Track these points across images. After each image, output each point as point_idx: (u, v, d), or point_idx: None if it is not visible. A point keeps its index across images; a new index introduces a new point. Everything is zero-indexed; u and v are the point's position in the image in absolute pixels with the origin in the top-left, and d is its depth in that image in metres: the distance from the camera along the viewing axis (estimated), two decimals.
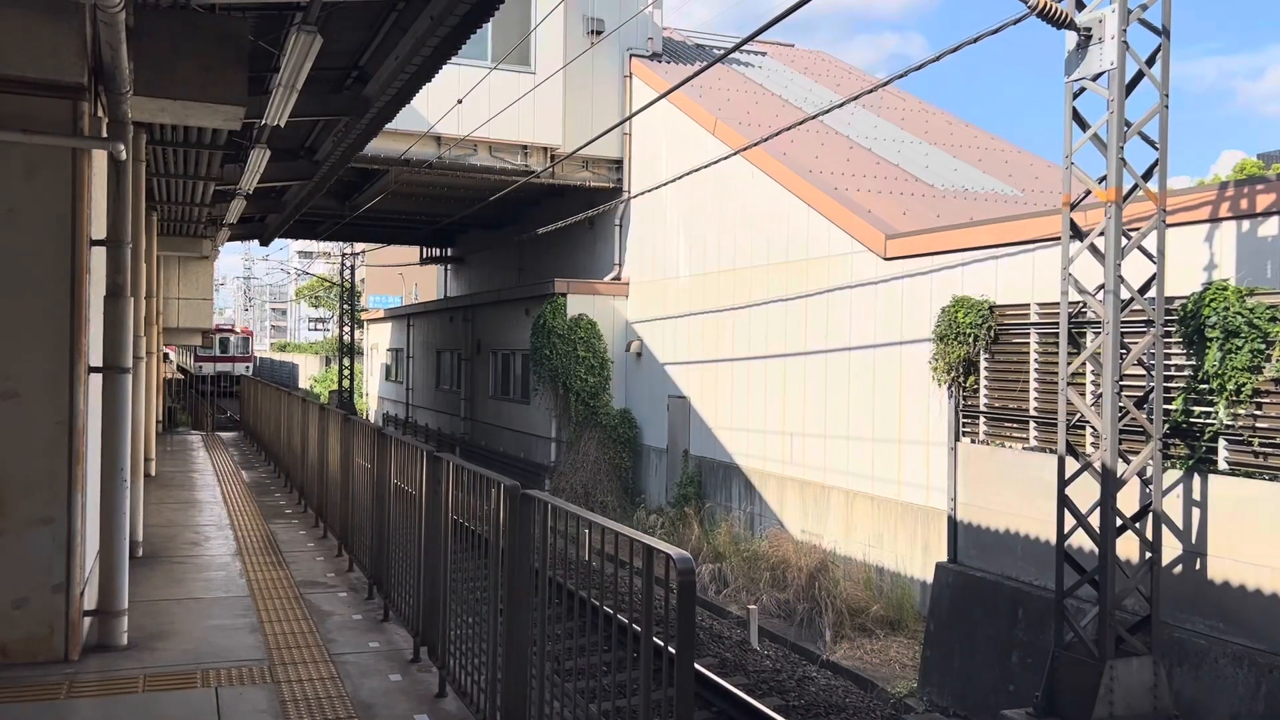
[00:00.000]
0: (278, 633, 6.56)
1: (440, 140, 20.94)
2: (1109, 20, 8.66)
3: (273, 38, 7.34)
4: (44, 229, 5.74)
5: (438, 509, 5.49)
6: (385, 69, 8.97)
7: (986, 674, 10.89)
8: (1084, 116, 9.19)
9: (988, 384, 11.80)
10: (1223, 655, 8.77)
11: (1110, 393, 8.70)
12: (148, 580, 7.84)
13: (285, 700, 5.32)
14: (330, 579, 8.18)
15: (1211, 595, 9.07)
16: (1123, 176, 8.72)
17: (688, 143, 20.25)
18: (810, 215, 16.45)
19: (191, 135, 9.92)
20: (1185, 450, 9.29)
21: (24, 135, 5.59)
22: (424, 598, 5.79)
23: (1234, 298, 8.81)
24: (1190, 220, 9.74)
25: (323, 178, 13.58)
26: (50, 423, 5.74)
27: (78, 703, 5.25)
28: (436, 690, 5.47)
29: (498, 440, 25.91)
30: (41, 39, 5.65)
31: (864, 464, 14.85)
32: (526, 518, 4.27)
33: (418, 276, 52.87)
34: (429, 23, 7.52)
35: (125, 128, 6.17)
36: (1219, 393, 8.85)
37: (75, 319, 5.79)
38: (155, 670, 5.75)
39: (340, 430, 8.86)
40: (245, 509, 11.64)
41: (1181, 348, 9.29)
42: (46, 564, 5.73)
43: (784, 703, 10.91)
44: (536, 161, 22.07)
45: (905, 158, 19.61)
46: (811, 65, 27.64)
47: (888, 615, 13.34)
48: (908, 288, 13.99)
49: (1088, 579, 8.91)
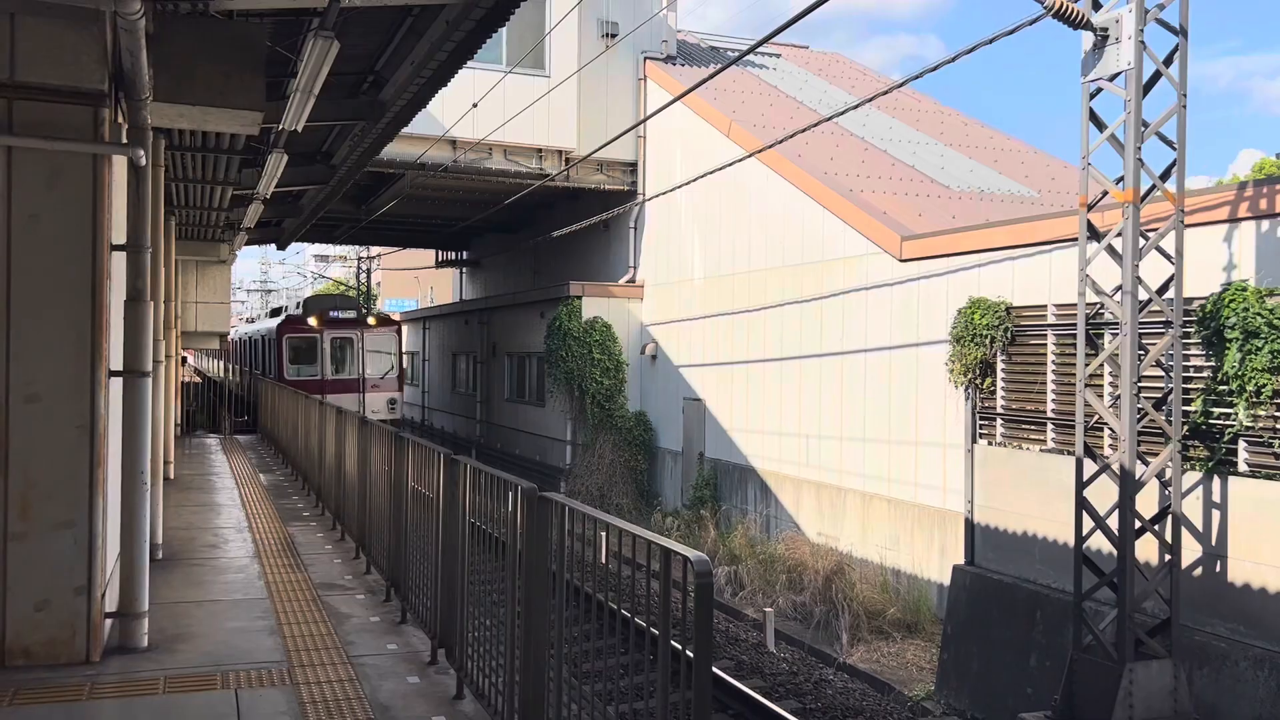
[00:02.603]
0: (296, 635, 6.60)
1: (455, 144, 21.02)
2: (1126, 20, 8.62)
3: (290, 43, 7.39)
4: (66, 235, 5.79)
5: (454, 512, 5.51)
6: (401, 74, 9.02)
7: (1004, 677, 10.83)
8: (1101, 117, 9.16)
9: (1005, 386, 11.75)
10: (1243, 658, 8.71)
11: (1128, 394, 8.65)
12: (167, 582, 7.89)
13: (304, 702, 5.34)
14: (348, 581, 8.21)
15: (1232, 598, 9.00)
16: (1140, 177, 8.68)
17: (702, 145, 20.25)
18: (825, 217, 16.42)
19: (210, 140, 9.99)
20: (1204, 452, 9.23)
21: (46, 142, 5.65)
22: (441, 600, 5.80)
23: (1254, 298, 8.75)
24: (1209, 220, 9.68)
25: (339, 182, 13.66)
26: (72, 427, 5.79)
27: (99, 704, 5.29)
28: (454, 692, 5.48)
29: (513, 443, 25.96)
30: (63, 46, 5.70)
31: (880, 466, 14.81)
32: (543, 520, 4.28)
33: (433, 280, 53.04)
34: (444, 28, 7.57)
35: (145, 133, 6.23)
36: (1238, 394, 8.79)
37: (96, 324, 5.84)
38: (175, 672, 5.79)
39: (357, 433, 8.90)
40: (263, 511, 11.70)
41: (1200, 349, 9.23)
42: (68, 567, 5.78)
43: (801, 706, 10.89)
44: (551, 165, 22.11)
45: (920, 159, 19.55)
46: (826, 67, 27.59)
47: (904, 618, 13.29)
48: (924, 289, 13.95)
49: (1106, 581, 8.86)
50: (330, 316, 24.73)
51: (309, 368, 24.40)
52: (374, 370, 24.78)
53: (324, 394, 16.22)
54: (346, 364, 24.67)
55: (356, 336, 24.64)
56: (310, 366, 24.44)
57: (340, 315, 24.88)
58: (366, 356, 24.75)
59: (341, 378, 24.31)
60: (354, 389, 24.02)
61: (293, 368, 24.19)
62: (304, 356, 24.63)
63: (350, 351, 24.70)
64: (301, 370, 24.27)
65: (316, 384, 22.90)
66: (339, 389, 23.07)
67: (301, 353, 24.65)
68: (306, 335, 24.50)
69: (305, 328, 24.49)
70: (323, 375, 24.13)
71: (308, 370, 24.31)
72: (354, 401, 22.95)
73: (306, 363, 24.56)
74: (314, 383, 23.00)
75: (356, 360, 24.53)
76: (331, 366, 24.55)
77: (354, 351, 24.70)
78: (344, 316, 24.92)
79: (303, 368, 24.37)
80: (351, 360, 24.60)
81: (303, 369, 24.32)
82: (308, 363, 24.53)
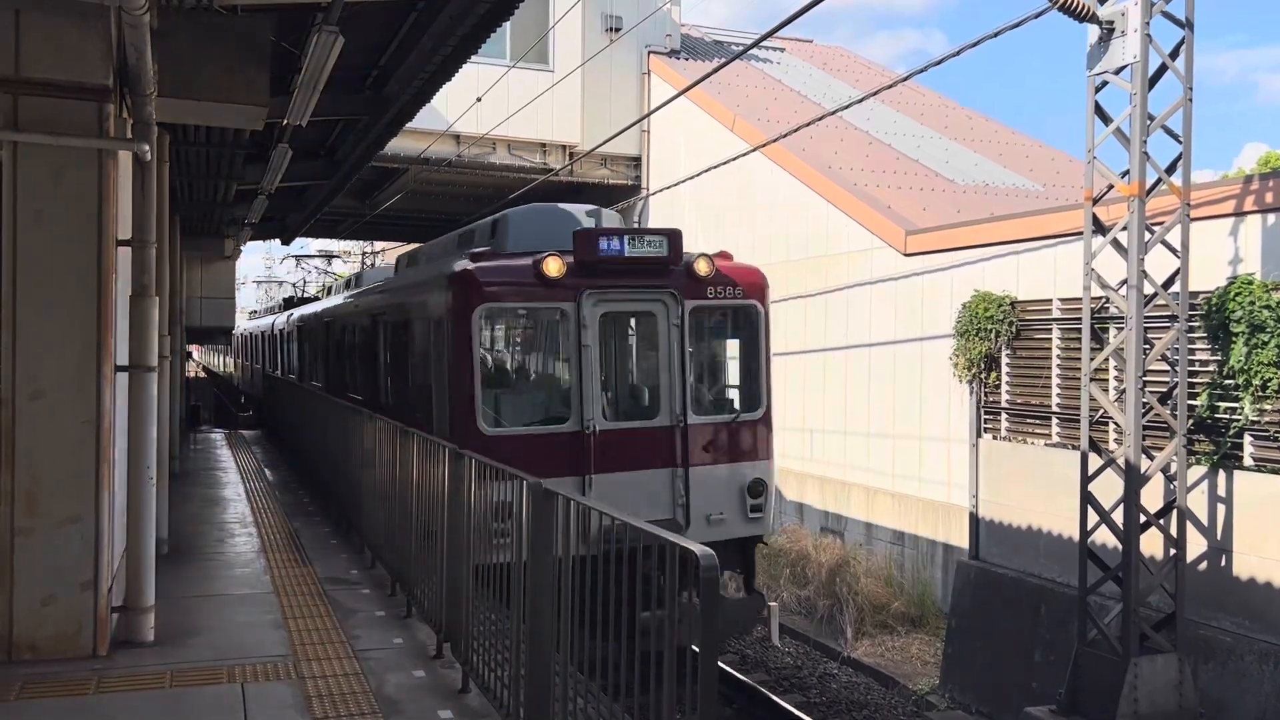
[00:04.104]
0: (302, 629, 6.61)
1: (459, 139, 21.02)
2: (1131, 13, 8.59)
3: (294, 38, 7.38)
4: (71, 230, 5.80)
5: (460, 506, 5.52)
6: (405, 68, 9.02)
7: (1009, 671, 10.84)
8: (1106, 111, 9.13)
9: (1009, 380, 11.74)
10: (1249, 653, 8.70)
11: (1134, 388, 8.64)
12: (173, 577, 7.90)
13: (310, 696, 5.36)
14: (353, 576, 8.23)
15: (1237, 592, 9.00)
16: (1146, 171, 8.66)
17: (706, 139, 20.22)
18: (830, 211, 16.40)
19: (214, 136, 9.98)
20: (1210, 446, 9.22)
21: (51, 137, 5.66)
22: (447, 594, 5.82)
23: (1259, 292, 8.73)
24: (1214, 214, 9.66)
25: (344, 176, 13.65)
26: (78, 422, 5.80)
27: (106, 698, 5.31)
28: (460, 686, 5.49)
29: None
30: (68, 42, 5.71)
31: (884, 461, 14.81)
32: (548, 514, 4.28)
33: None
34: (448, 22, 7.56)
35: (150, 129, 6.23)
36: (1244, 388, 8.77)
37: (102, 319, 5.85)
38: (181, 666, 5.81)
39: (363, 427, 8.91)
40: (268, 506, 11.73)
41: (1206, 343, 9.21)
42: (75, 561, 5.79)
43: (806, 700, 10.91)
44: (555, 159, 22.11)
45: (925, 153, 19.52)
46: (830, 61, 27.55)
47: (909, 612, 13.30)
48: (928, 284, 13.93)
49: (1111, 576, 8.85)
50: (602, 252, 8.87)
51: (538, 396, 9.43)
52: (709, 400, 9.68)
53: (590, 469, 8.33)
54: (640, 379, 9.65)
55: (669, 307, 9.11)
56: (546, 392, 9.43)
57: (627, 249, 8.95)
58: (687, 360, 9.23)
59: (633, 424, 9.04)
60: (661, 451, 8.94)
61: (495, 398, 8.89)
62: (521, 364, 10.05)
63: (651, 344, 9.34)
64: (526, 401, 9.28)
65: (568, 444, 8.63)
66: (625, 449, 8.83)
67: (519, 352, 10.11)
68: (532, 304, 9.07)
69: (528, 282, 8.78)
70: (591, 415, 8.68)
71: (533, 401, 9.30)
72: (661, 486, 8.88)
73: (532, 380, 9.79)
74: (561, 443, 8.64)
75: (667, 368, 9.13)
76: (612, 390, 9.24)
77: (662, 345, 9.20)
78: (640, 253, 9.02)
79: (523, 396, 9.40)
80: (652, 369, 9.34)
81: (525, 399, 9.33)
82: (537, 379, 9.77)
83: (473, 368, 8.41)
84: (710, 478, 8.90)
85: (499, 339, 9.63)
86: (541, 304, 8.84)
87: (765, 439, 9.34)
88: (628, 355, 9.68)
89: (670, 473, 8.78)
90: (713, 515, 8.85)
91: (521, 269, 8.69)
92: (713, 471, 8.94)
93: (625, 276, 8.86)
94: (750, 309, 9.43)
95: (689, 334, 8.97)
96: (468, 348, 8.44)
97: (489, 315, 8.78)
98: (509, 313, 9.16)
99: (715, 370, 9.79)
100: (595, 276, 8.71)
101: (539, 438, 8.54)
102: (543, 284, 8.58)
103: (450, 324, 8.61)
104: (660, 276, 8.94)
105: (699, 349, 9.29)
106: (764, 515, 9.16)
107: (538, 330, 9.51)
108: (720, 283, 9.21)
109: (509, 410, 8.81)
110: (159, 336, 7.02)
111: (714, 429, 9.06)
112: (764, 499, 9.12)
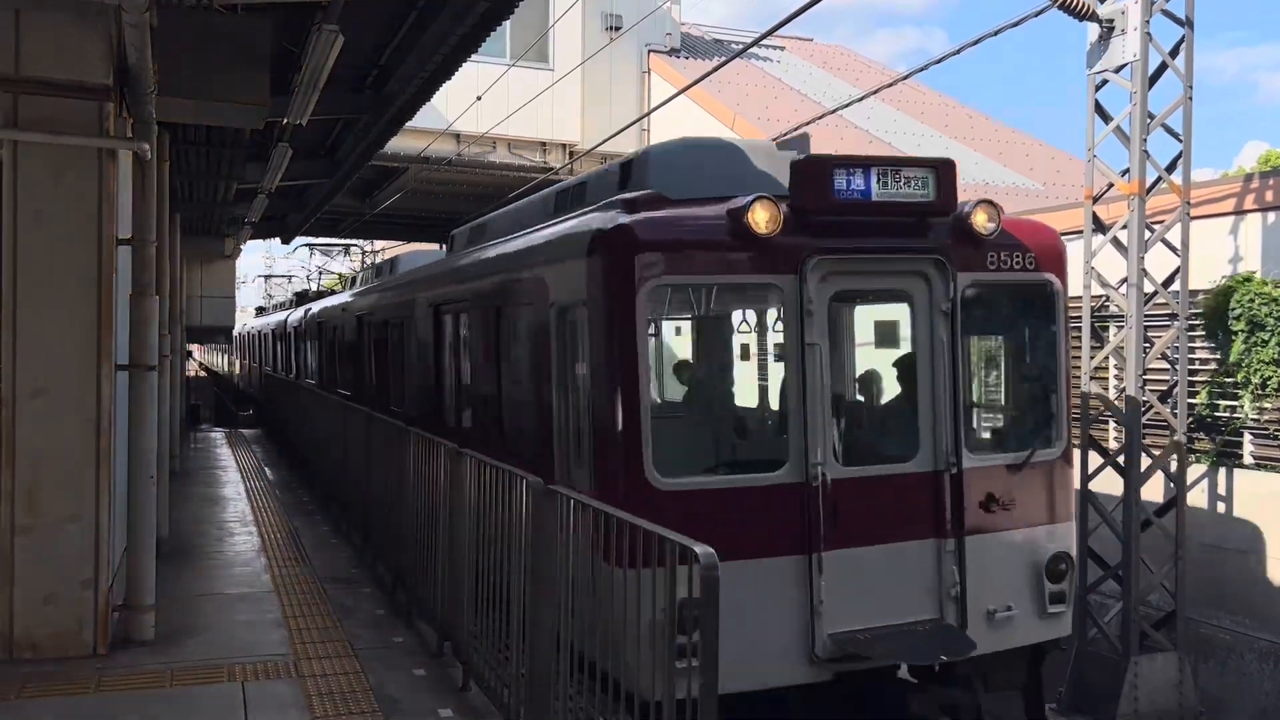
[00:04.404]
0: (302, 628, 6.61)
1: (459, 138, 21.00)
2: (1131, 12, 8.60)
3: (295, 37, 7.38)
4: (71, 230, 5.80)
5: (460, 505, 5.52)
6: (405, 67, 9.01)
7: None
8: (1106, 109, 9.13)
9: None
10: (1249, 651, 8.71)
11: (1134, 387, 8.64)
12: (173, 576, 7.90)
13: (310, 694, 5.36)
14: (353, 574, 8.23)
15: (1238, 591, 9.00)
16: (1146, 169, 8.66)
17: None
18: None
19: (214, 135, 9.99)
20: (1210, 445, 9.22)
21: (51, 136, 5.66)
22: (447, 593, 5.82)
23: (1259, 290, 8.73)
24: (1214, 213, 9.66)
25: (344, 176, 13.65)
26: (79, 421, 5.80)
27: (107, 696, 5.31)
28: (460, 684, 5.49)
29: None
30: (68, 41, 5.71)
31: None
32: (549, 513, 4.28)
33: None
34: (448, 21, 7.56)
35: (150, 128, 6.23)
36: (1244, 386, 8.77)
37: (102, 318, 5.85)
38: (182, 664, 5.81)
39: (363, 427, 8.91)
40: (268, 505, 11.73)
41: (1206, 341, 9.21)
42: (75, 560, 5.80)
43: None
44: (555, 158, 22.10)
45: (925, 152, 19.51)
46: (830, 60, 27.54)
47: None
48: None
49: (1111, 574, 8.86)
50: (839, 194, 5.52)
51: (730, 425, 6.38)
52: (987, 431, 6.60)
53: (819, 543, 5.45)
54: (887, 398, 6.46)
55: (932, 283, 5.80)
56: (743, 420, 6.62)
57: (874, 190, 5.55)
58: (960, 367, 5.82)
59: (880, 470, 5.82)
60: (920, 511, 5.75)
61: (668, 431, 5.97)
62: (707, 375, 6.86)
63: (893, 339, 6.69)
64: (710, 434, 6.24)
65: (781, 503, 5.44)
66: (869, 510, 5.61)
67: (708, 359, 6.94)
68: (733, 276, 5.72)
69: (723, 243, 5.48)
70: (820, 458, 5.46)
71: (723, 435, 6.24)
72: (921, 566, 5.73)
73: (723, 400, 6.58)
74: (772, 500, 5.45)
75: (929, 380, 5.80)
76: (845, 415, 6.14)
77: (920, 343, 5.86)
78: (894, 196, 5.58)
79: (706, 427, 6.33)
80: (905, 380, 6.10)
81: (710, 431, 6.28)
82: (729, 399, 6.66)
83: (636, 382, 5.33)
84: (993, 551, 5.86)
85: (674, 336, 6.68)
86: (747, 277, 5.67)
87: (1066, 490, 6.23)
88: (858, 357, 6.92)
89: (935, 546, 5.74)
90: (997, 610, 5.81)
91: (710, 222, 5.56)
92: (997, 541, 5.89)
93: (867, 234, 5.71)
94: (1045, 288, 6.15)
95: (961, 326, 5.83)
96: (630, 349, 5.33)
97: (662, 297, 5.61)
98: (693, 292, 6.09)
99: (994, 383, 6.77)
100: (823, 236, 5.61)
101: (737, 493, 5.49)
102: (744, 246, 5.45)
103: (596, 313, 5.55)
104: (919, 235, 5.80)
105: (973, 349, 6.31)
106: (1066, 608, 6.08)
107: (730, 320, 6.74)
108: (1005, 246, 5.97)
109: (686, 448, 5.85)
110: (159, 335, 7.02)
111: (998, 476, 5.94)
112: (1066, 583, 6.06)
